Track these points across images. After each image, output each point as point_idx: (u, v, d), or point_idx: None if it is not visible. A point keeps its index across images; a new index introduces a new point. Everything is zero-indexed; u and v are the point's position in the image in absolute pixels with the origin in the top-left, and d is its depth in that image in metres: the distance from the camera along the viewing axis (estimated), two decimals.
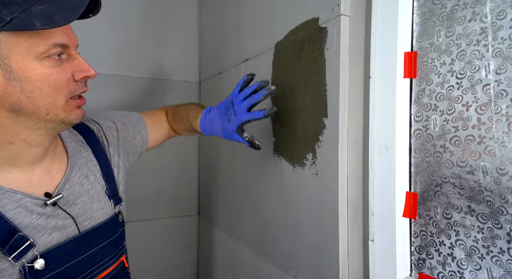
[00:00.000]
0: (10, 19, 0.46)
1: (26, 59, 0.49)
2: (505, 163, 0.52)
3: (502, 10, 0.53)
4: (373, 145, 0.71)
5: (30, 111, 0.51)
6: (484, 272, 0.56)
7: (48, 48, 0.50)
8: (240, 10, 1.13)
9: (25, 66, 0.49)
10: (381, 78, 0.70)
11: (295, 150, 0.84)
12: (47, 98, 0.51)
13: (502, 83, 0.53)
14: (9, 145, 0.53)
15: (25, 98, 0.50)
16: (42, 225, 0.56)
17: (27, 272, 0.53)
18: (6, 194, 0.53)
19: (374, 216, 0.72)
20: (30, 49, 0.49)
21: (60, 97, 0.53)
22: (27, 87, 0.50)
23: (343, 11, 0.71)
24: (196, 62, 1.51)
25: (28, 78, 0.49)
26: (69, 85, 0.53)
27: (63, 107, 0.53)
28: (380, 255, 0.70)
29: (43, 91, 0.50)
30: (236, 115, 0.74)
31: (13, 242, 0.52)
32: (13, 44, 0.48)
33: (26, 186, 0.56)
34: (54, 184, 0.60)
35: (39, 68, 0.50)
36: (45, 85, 0.50)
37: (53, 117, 0.53)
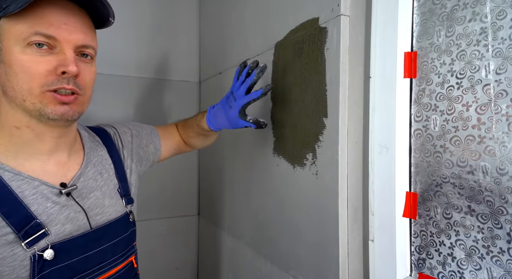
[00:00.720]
0: (6, 6, 0.50)
1: (12, 44, 0.52)
2: (505, 163, 0.52)
3: (502, 10, 0.53)
4: (373, 145, 0.71)
5: (11, 95, 0.54)
6: (484, 272, 0.56)
7: (29, 35, 0.51)
8: (240, 10, 1.13)
9: (10, 50, 0.52)
10: (381, 78, 0.70)
11: (295, 150, 0.84)
12: (22, 84, 0.52)
13: (502, 83, 0.53)
14: (16, 129, 0.56)
15: (7, 81, 0.53)
16: (55, 214, 0.57)
17: (36, 261, 0.54)
18: (25, 180, 0.55)
19: (374, 216, 0.72)
20: (16, 33, 0.51)
21: (36, 86, 0.53)
22: (8, 70, 0.52)
23: (343, 11, 0.71)
24: (196, 62, 1.51)
25: (9, 61, 0.52)
26: (48, 76, 0.53)
27: (39, 97, 0.53)
28: (380, 255, 0.70)
29: (18, 76, 0.52)
30: (236, 101, 0.78)
31: (29, 228, 0.53)
32: (6, 29, 0.52)
33: (43, 174, 0.58)
34: (69, 176, 0.62)
35: (19, 54, 0.52)
36: (20, 71, 0.52)
37: (30, 106, 0.53)
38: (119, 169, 0.73)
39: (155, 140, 0.87)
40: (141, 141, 0.83)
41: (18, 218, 0.53)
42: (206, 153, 1.44)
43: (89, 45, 0.57)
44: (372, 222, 0.72)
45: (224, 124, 0.84)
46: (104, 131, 0.77)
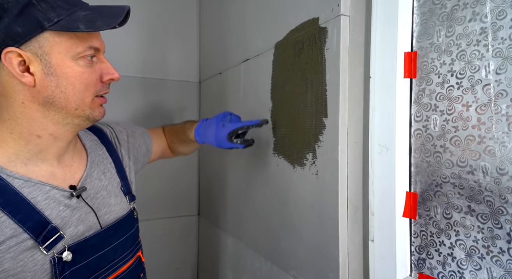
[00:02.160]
0: (57, 20, 0.52)
1: (65, 58, 0.54)
2: (505, 163, 0.52)
3: (502, 10, 0.53)
4: (373, 145, 0.71)
5: (61, 106, 0.56)
6: (484, 272, 0.56)
7: (85, 50, 0.56)
8: (240, 10, 1.13)
9: (63, 63, 0.54)
10: (381, 78, 0.70)
11: (295, 150, 0.84)
12: (78, 94, 0.56)
13: (502, 83, 0.53)
14: (38, 138, 0.57)
15: (59, 92, 0.55)
16: (68, 217, 0.59)
17: (56, 263, 0.55)
18: (36, 186, 0.56)
19: (374, 216, 0.72)
20: (69, 48, 0.54)
21: (89, 94, 0.58)
22: (62, 82, 0.55)
23: (343, 11, 0.71)
24: (196, 62, 1.51)
25: (64, 74, 0.54)
26: (97, 85, 0.59)
27: (90, 104, 0.59)
28: (380, 255, 0.70)
29: (75, 87, 0.56)
30: (231, 122, 0.81)
31: (46, 232, 0.54)
32: (55, 43, 0.53)
33: (52, 179, 0.59)
34: (76, 178, 0.63)
35: (74, 66, 0.55)
36: (78, 82, 0.56)
37: (81, 112, 0.58)
38: (119, 167, 0.75)
39: (147, 141, 0.88)
40: (135, 141, 0.84)
41: (34, 224, 0.54)
42: (206, 153, 1.44)
43: None
44: (372, 222, 0.72)
45: (210, 140, 0.84)
46: (100, 130, 0.77)
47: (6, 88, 0.54)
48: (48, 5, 0.52)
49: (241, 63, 1.10)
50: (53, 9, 0.52)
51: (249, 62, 1.06)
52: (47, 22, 0.51)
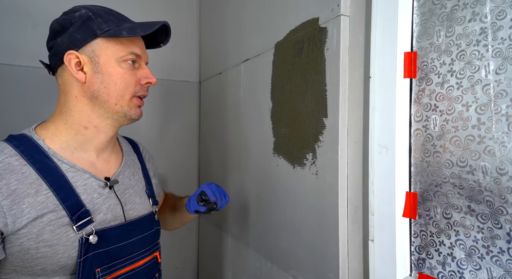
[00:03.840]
0: (107, 29, 0.64)
1: (110, 59, 0.65)
2: (505, 163, 0.52)
3: (502, 10, 0.53)
4: (373, 145, 0.71)
5: (104, 100, 0.66)
6: (484, 272, 0.56)
7: (126, 54, 0.66)
8: (240, 10, 1.13)
9: (108, 64, 0.65)
10: (381, 78, 0.70)
11: (295, 150, 0.84)
12: (118, 91, 0.66)
13: (502, 83, 0.53)
14: (85, 129, 0.67)
15: (103, 88, 0.65)
16: (100, 204, 0.66)
17: (83, 243, 0.62)
18: (78, 172, 0.65)
19: (374, 216, 0.72)
20: (114, 52, 0.65)
21: (127, 93, 0.67)
22: (106, 79, 0.65)
23: (343, 11, 0.71)
24: (196, 62, 1.51)
25: (108, 73, 0.65)
26: (136, 86, 0.68)
27: (128, 102, 0.68)
28: (380, 255, 0.70)
29: (116, 85, 0.66)
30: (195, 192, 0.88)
31: (80, 213, 0.62)
32: (104, 47, 0.65)
33: (92, 169, 0.68)
34: (111, 172, 0.73)
35: (117, 67, 0.66)
36: (119, 80, 0.66)
37: (119, 108, 0.67)
38: (146, 174, 0.84)
39: (159, 189, 0.93)
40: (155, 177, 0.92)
41: (72, 204, 0.62)
42: (206, 152, 1.44)
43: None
44: (372, 222, 0.72)
45: (188, 206, 0.89)
46: (134, 142, 0.88)
47: (66, 86, 0.66)
48: (103, 19, 0.65)
49: (241, 63, 1.10)
50: (106, 22, 0.65)
51: (249, 62, 1.06)
52: (99, 31, 0.64)
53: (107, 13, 0.66)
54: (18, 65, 1.10)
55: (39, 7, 1.13)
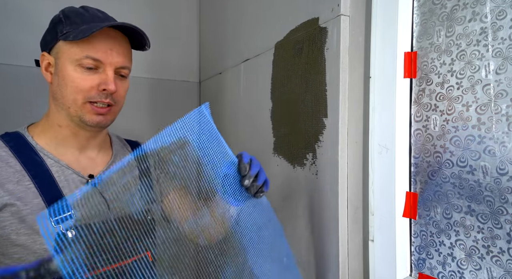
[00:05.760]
0: (65, 32, 0.64)
1: (66, 62, 0.65)
2: (505, 163, 0.52)
3: (502, 10, 0.53)
4: (373, 145, 0.71)
5: (60, 102, 0.66)
6: (484, 272, 0.56)
7: (81, 58, 0.64)
8: (240, 10, 1.13)
9: (64, 67, 0.65)
10: (381, 78, 0.70)
11: (295, 150, 0.84)
12: (69, 94, 0.65)
13: (502, 83, 0.53)
14: (59, 127, 0.68)
15: (59, 90, 0.66)
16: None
17: (61, 237, 0.61)
18: (62, 167, 0.67)
19: (374, 216, 0.72)
20: (71, 55, 0.64)
21: (79, 98, 0.65)
22: (60, 82, 0.65)
23: (343, 11, 0.71)
24: (196, 62, 1.51)
25: (63, 75, 0.65)
26: (90, 91, 0.65)
27: (80, 107, 0.66)
28: (380, 255, 0.70)
29: (67, 88, 0.65)
30: None
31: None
32: (63, 50, 0.65)
33: (76, 165, 0.69)
34: (96, 170, 0.73)
35: (71, 71, 0.64)
36: (70, 84, 0.65)
37: (73, 112, 0.66)
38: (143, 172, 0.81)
39: None
40: None
41: (52, 197, 0.63)
42: None
43: (126, 66, 0.70)
44: (372, 222, 0.72)
45: None
46: (137, 144, 0.87)
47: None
48: (69, 21, 0.65)
49: (241, 63, 1.10)
50: (70, 24, 0.64)
51: (249, 62, 1.06)
52: (60, 34, 0.64)
53: (76, 15, 0.66)
54: (18, 65, 1.09)
55: (39, 7, 1.13)
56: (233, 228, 0.69)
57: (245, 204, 0.67)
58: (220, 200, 0.68)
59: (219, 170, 0.65)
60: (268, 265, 0.66)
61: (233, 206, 0.67)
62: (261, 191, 0.67)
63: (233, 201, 0.66)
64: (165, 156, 0.80)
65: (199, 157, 0.66)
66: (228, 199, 0.66)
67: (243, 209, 0.67)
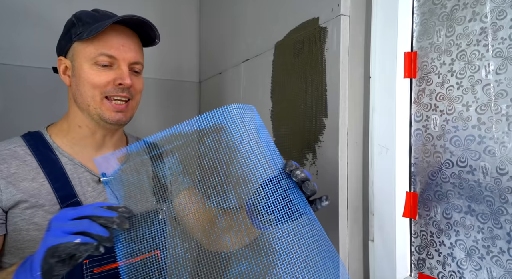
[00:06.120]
0: (79, 32, 0.66)
1: (82, 62, 0.67)
2: (505, 163, 0.52)
3: (502, 10, 0.53)
4: (373, 145, 0.71)
5: (80, 102, 0.68)
6: (484, 272, 0.56)
7: (96, 55, 0.66)
8: (240, 10, 1.13)
9: (80, 67, 0.67)
10: (381, 78, 0.70)
11: (295, 150, 0.84)
12: (87, 92, 0.67)
13: (502, 83, 0.53)
14: (79, 128, 0.71)
15: (77, 90, 0.68)
16: (93, 197, 0.69)
17: None
18: (75, 166, 0.69)
19: (374, 216, 0.72)
20: (86, 54, 0.66)
21: (97, 93, 0.67)
22: (78, 82, 0.67)
23: (343, 11, 0.71)
24: (196, 62, 1.51)
25: (80, 75, 0.67)
26: (107, 86, 0.67)
27: (99, 103, 0.67)
28: (380, 255, 0.70)
29: (85, 86, 0.67)
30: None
31: (70, 203, 0.65)
32: (78, 51, 0.67)
33: (90, 164, 0.71)
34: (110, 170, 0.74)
35: (87, 69, 0.66)
36: (86, 81, 0.66)
37: (94, 110, 0.68)
38: (158, 173, 0.82)
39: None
40: None
41: (64, 194, 0.65)
42: None
43: (139, 61, 0.71)
44: (372, 222, 0.72)
45: None
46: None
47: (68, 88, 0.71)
48: (81, 23, 0.67)
49: (241, 63, 1.10)
50: (83, 25, 0.66)
51: (249, 62, 1.06)
52: (74, 35, 0.66)
53: (87, 16, 0.68)
54: (18, 65, 1.09)
55: (39, 7, 1.13)
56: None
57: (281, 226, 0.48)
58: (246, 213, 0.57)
59: (260, 171, 0.49)
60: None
61: (258, 229, 0.54)
62: (321, 201, 0.53)
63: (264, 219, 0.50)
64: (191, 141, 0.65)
65: (243, 151, 0.52)
66: (258, 217, 0.51)
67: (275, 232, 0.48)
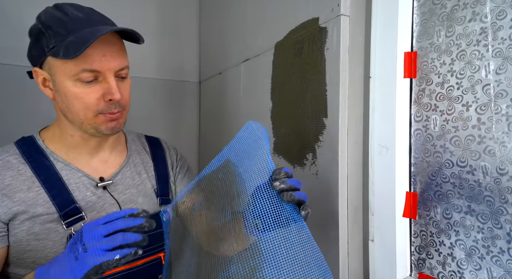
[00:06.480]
0: (52, 46, 0.58)
1: (63, 78, 0.60)
2: (505, 163, 0.52)
3: (502, 10, 0.53)
4: (373, 145, 0.71)
5: (71, 118, 0.64)
6: (484, 272, 0.56)
7: (78, 73, 0.59)
8: (240, 11, 1.13)
9: (62, 84, 0.61)
10: (381, 78, 0.70)
11: (295, 150, 0.84)
12: (78, 111, 0.62)
13: (502, 83, 0.53)
14: (71, 137, 0.68)
15: (65, 108, 0.63)
16: (93, 202, 0.66)
17: None
18: (72, 171, 0.67)
19: (374, 216, 0.72)
20: (65, 71, 0.60)
21: (89, 112, 0.62)
22: (64, 100, 0.62)
23: (343, 11, 0.71)
24: (196, 62, 1.51)
25: (64, 93, 0.61)
26: (99, 104, 0.62)
27: (93, 119, 0.63)
28: (380, 255, 0.70)
29: (74, 105, 0.62)
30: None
31: (69, 209, 0.63)
32: (56, 65, 0.60)
33: (87, 168, 0.69)
34: (108, 172, 0.72)
35: (71, 87, 0.60)
36: (75, 101, 0.61)
37: (87, 126, 0.64)
38: (161, 172, 0.80)
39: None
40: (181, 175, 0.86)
41: (62, 200, 0.63)
42: (206, 152, 1.44)
43: (124, 67, 0.65)
44: (372, 222, 0.72)
45: None
46: (157, 140, 0.86)
47: None
48: (52, 32, 0.59)
49: (241, 63, 1.10)
50: (55, 36, 0.59)
51: (249, 62, 1.06)
52: (47, 48, 0.59)
53: (56, 22, 0.59)
54: (18, 65, 1.10)
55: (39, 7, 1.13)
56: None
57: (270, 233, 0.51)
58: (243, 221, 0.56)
59: (253, 181, 0.54)
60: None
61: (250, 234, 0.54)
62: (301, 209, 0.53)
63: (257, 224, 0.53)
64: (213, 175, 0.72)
65: (238, 173, 0.59)
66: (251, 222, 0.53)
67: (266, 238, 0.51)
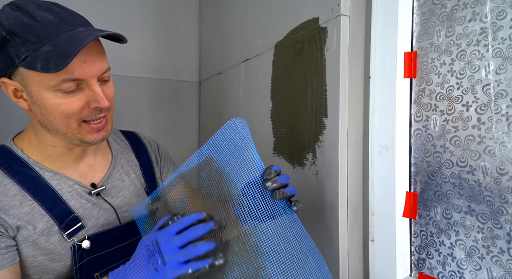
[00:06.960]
0: (24, 57, 0.52)
1: (41, 90, 0.55)
2: (505, 163, 0.52)
3: (502, 10, 0.53)
4: (373, 145, 0.71)
5: (52, 129, 0.59)
6: (484, 272, 0.56)
7: (58, 83, 0.54)
8: (240, 11, 1.13)
9: (40, 95, 0.55)
10: (381, 78, 0.70)
11: (295, 150, 0.84)
12: (60, 122, 0.57)
13: (502, 83, 0.53)
14: (52, 147, 0.63)
15: (45, 120, 0.58)
16: (89, 209, 0.65)
17: (76, 250, 0.61)
18: (62, 179, 0.63)
19: (374, 216, 0.72)
20: (42, 82, 0.54)
21: (73, 121, 0.58)
22: (44, 112, 0.57)
23: (343, 11, 0.71)
24: (196, 62, 1.51)
25: (43, 105, 0.56)
26: (82, 112, 0.58)
27: (77, 129, 0.59)
28: (380, 255, 0.70)
29: (56, 116, 0.57)
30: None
31: (69, 220, 0.61)
32: (30, 77, 0.54)
33: (76, 175, 0.66)
34: (97, 177, 0.69)
35: (51, 98, 0.55)
36: (56, 112, 0.56)
37: (72, 136, 0.60)
38: (146, 169, 0.78)
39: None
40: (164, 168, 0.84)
41: (60, 212, 0.61)
42: None
43: (106, 69, 0.60)
44: (372, 222, 0.72)
45: None
46: (135, 136, 0.82)
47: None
48: (20, 39, 0.52)
49: (241, 63, 1.10)
50: (24, 44, 0.52)
51: (249, 62, 1.06)
52: (17, 59, 0.52)
53: (23, 29, 0.51)
54: None
55: None
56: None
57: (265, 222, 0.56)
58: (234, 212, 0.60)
59: (242, 179, 0.58)
60: None
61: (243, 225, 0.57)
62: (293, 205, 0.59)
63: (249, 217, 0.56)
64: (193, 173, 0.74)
65: (225, 172, 0.61)
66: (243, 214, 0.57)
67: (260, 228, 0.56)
